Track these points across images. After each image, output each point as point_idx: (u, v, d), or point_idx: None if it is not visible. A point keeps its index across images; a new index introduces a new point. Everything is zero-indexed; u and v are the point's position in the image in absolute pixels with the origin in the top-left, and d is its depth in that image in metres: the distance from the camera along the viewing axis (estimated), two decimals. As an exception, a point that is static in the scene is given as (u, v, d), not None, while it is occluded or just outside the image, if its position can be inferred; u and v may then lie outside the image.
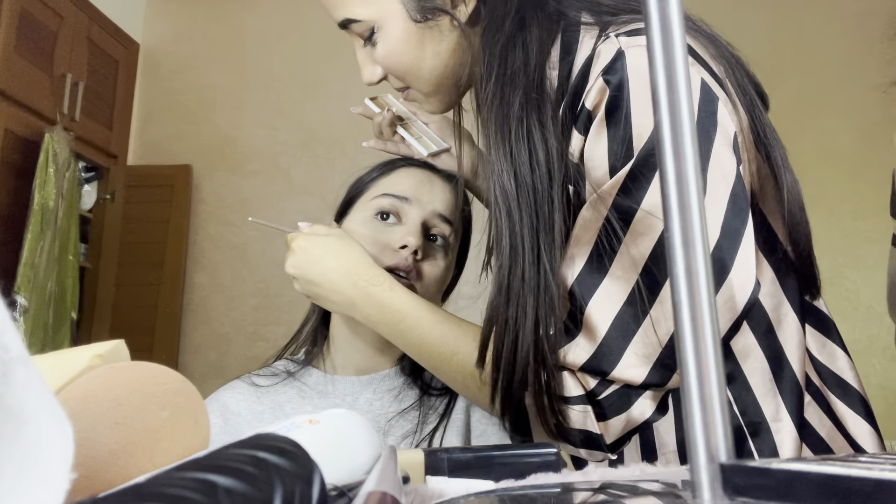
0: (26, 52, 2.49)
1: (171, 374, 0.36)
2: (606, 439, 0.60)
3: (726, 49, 0.66)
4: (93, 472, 0.30)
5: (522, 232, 0.60)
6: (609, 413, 0.59)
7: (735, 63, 0.65)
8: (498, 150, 0.62)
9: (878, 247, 2.88)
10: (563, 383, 0.60)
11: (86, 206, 2.87)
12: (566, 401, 0.60)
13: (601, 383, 0.59)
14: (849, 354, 0.68)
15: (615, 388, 0.59)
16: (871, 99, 2.94)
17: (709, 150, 0.56)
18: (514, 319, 0.60)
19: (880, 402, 2.73)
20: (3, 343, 0.20)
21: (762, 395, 0.61)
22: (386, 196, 0.86)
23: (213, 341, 3.05)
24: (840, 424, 0.64)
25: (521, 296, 0.59)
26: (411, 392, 0.84)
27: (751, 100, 0.63)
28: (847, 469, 0.22)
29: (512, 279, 0.60)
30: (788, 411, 0.61)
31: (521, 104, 0.62)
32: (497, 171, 0.61)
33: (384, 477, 0.28)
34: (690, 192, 0.26)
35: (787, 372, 0.62)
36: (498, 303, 0.61)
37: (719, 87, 0.60)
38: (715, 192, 0.56)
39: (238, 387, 0.87)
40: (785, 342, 0.63)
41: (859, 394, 0.66)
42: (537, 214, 0.60)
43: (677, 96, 0.26)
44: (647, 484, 0.33)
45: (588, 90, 0.59)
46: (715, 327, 0.25)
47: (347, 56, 0.80)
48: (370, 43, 0.72)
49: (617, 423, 0.59)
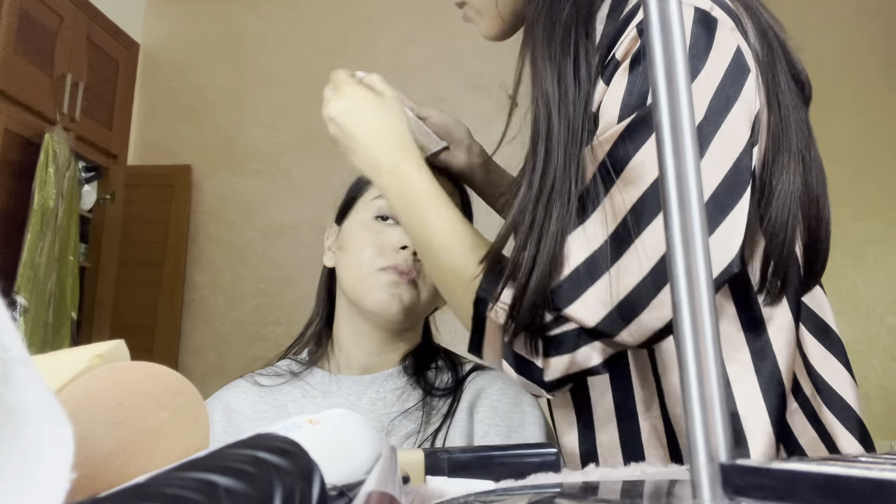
0: (26, 52, 2.49)
1: (171, 374, 0.36)
2: (545, 375, 0.59)
3: (773, 32, 0.64)
4: (93, 472, 0.30)
5: (559, 138, 0.59)
6: (553, 350, 0.58)
7: (778, 49, 0.63)
8: (545, 57, 0.62)
9: (878, 247, 2.88)
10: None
11: (86, 206, 2.87)
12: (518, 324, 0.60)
13: (555, 321, 0.58)
14: (852, 374, 0.67)
15: (567, 329, 0.58)
16: (872, 99, 2.94)
17: (722, 117, 0.55)
18: (539, 222, 0.59)
19: (880, 402, 2.73)
20: (3, 343, 0.20)
21: (738, 385, 0.61)
22: (384, 197, 0.86)
23: (213, 341, 3.05)
24: (828, 437, 0.63)
25: (549, 199, 0.59)
26: (415, 392, 0.84)
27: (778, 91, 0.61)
28: (847, 469, 0.22)
29: (543, 182, 0.59)
30: (767, 407, 0.60)
31: (570, 13, 0.62)
32: (542, 75, 0.62)
33: (384, 477, 0.28)
34: (691, 192, 0.26)
35: (769, 366, 0.61)
36: (525, 202, 0.60)
37: (755, 63, 0.59)
38: (714, 158, 0.55)
39: (241, 386, 0.87)
40: (774, 337, 0.62)
41: (858, 417, 0.65)
42: (571, 128, 0.60)
43: (677, 94, 0.26)
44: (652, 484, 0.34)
45: (621, 41, 0.59)
46: (715, 327, 0.25)
47: (347, 56, 0.80)
48: None
49: (558, 363, 0.59)
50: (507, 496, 0.33)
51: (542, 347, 0.59)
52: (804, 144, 0.63)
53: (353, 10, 3.23)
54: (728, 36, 0.57)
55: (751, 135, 0.57)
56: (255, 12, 3.35)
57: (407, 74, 2.95)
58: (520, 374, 0.61)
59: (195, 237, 3.15)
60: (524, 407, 0.85)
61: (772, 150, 0.60)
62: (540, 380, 0.60)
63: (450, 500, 0.31)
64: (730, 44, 0.57)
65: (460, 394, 0.84)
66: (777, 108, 0.60)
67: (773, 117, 0.60)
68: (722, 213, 0.55)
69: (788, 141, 0.61)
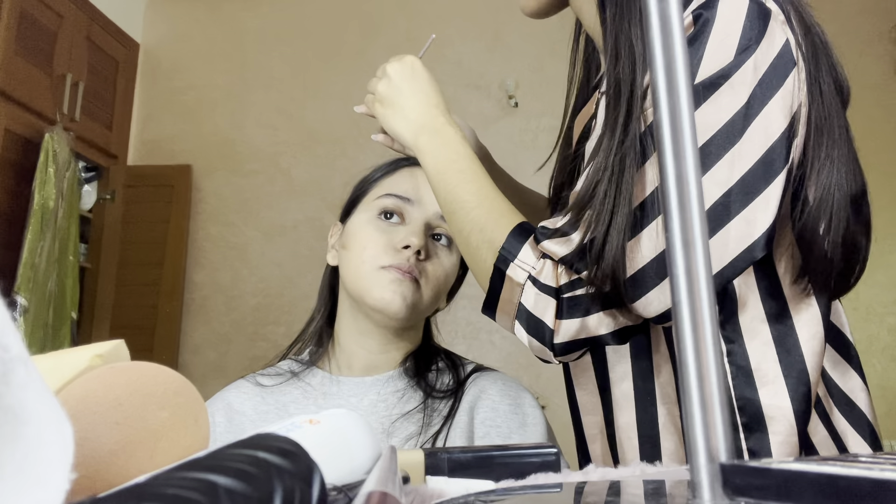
0: (26, 52, 2.49)
1: (171, 374, 0.36)
2: (556, 337, 0.60)
3: (819, 31, 0.65)
4: (93, 472, 0.30)
5: (638, 93, 0.60)
6: (566, 313, 0.59)
7: (821, 49, 0.64)
8: (628, 17, 0.62)
9: (877, 247, 2.87)
10: (542, 270, 0.61)
11: (86, 206, 2.87)
12: (539, 287, 0.61)
13: (573, 283, 0.59)
14: (866, 384, 0.67)
15: (582, 292, 0.59)
16: (871, 99, 2.94)
17: (762, 104, 0.56)
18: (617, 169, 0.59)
19: (880, 402, 2.73)
20: (3, 343, 0.20)
21: (762, 370, 0.61)
22: (389, 196, 0.86)
23: (213, 341, 3.05)
24: (839, 438, 0.64)
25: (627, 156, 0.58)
26: (416, 394, 0.84)
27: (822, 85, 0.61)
28: (847, 469, 0.22)
29: (625, 133, 0.59)
30: (790, 396, 0.60)
31: None
32: (625, 34, 0.62)
33: (384, 477, 0.28)
34: (692, 192, 0.26)
35: (794, 355, 0.61)
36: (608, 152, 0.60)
37: (801, 57, 0.59)
38: (748, 143, 0.56)
39: (242, 386, 0.87)
40: (800, 328, 0.62)
41: (868, 420, 0.65)
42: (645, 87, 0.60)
43: (677, 94, 0.26)
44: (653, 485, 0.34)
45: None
46: (715, 328, 0.25)
47: (347, 56, 0.80)
48: None
49: (570, 325, 0.59)
50: (507, 496, 0.33)
51: (555, 309, 0.60)
52: (843, 147, 0.63)
53: (353, 10, 3.23)
54: (779, 27, 0.58)
55: (790, 126, 0.57)
56: (255, 12, 3.35)
57: (407, 74, 2.95)
58: (530, 335, 0.62)
59: (195, 237, 3.15)
60: (525, 408, 0.85)
61: (814, 142, 0.60)
62: (550, 341, 0.60)
63: (450, 500, 0.31)
64: (780, 35, 0.58)
65: (461, 395, 0.84)
66: (821, 102, 0.61)
67: (816, 111, 0.60)
68: (748, 197, 0.56)
69: (832, 133, 0.61)
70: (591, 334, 0.60)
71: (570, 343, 0.60)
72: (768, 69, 0.57)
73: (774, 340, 0.62)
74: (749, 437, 0.60)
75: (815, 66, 0.61)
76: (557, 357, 0.62)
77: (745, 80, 0.56)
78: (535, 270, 0.61)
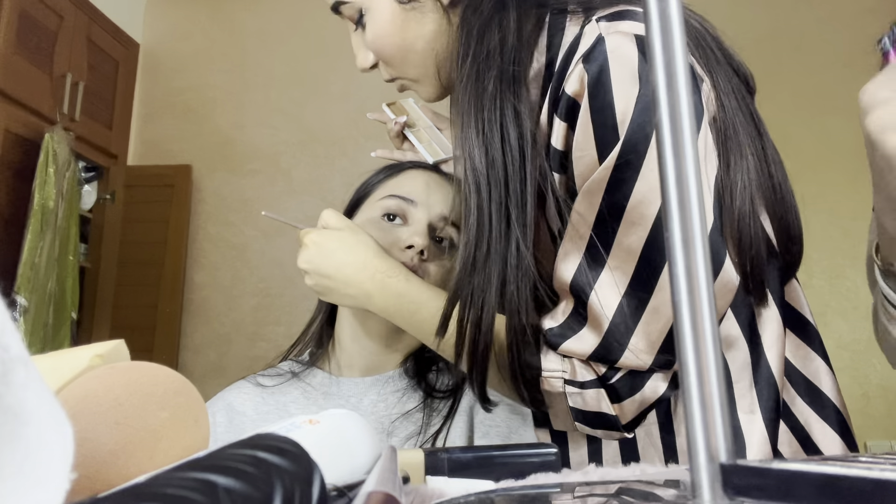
0: (26, 52, 2.49)
1: (171, 374, 0.36)
2: (622, 420, 0.60)
3: (704, 32, 0.65)
4: (93, 472, 0.30)
5: (490, 208, 0.60)
6: (623, 395, 0.60)
7: (714, 49, 0.64)
8: (469, 129, 0.62)
9: (878, 247, 2.88)
10: (574, 368, 0.61)
11: (86, 206, 2.87)
12: (581, 385, 0.61)
13: (611, 369, 0.60)
14: (830, 366, 0.67)
15: (625, 373, 0.59)
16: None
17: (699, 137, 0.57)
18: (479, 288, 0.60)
19: (880, 402, 2.73)
20: (3, 343, 0.20)
21: (739, 387, 0.61)
22: (392, 197, 0.86)
23: (213, 341, 3.05)
24: (801, 429, 0.64)
25: (486, 267, 0.60)
26: (416, 394, 0.85)
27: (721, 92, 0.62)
28: (847, 469, 0.22)
29: (477, 253, 0.60)
30: (761, 408, 0.61)
31: (495, 84, 0.62)
32: (468, 148, 0.62)
33: (384, 477, 0.28)
34: (691, 192, 0.26)
35: (763, 365, 0.62)
36: (462, 276, 0.61)
37: (702, 69, 0.60)
38: (709, 178, 0.57)
39: (243, 387, 0.87)
40: (763, 332, 0.63)
41: (834, 405, 0.65)
42: (507, 191, 0.60)
43: (677, 94, 0.26)
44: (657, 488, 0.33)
45: (568, 75, 0.59)
46: (715, 328, 0.25)
47: (347, 56, 0.80)
48: (360, 26, 0.74)
49: (631, 405, 0.60)
50: (507, 496, 0.33)
51: (608, 396, 0.60)
52: (755, 136, 0.64)
53: (353, 10, 3.23)
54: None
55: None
56: (255, 12, 3.35)
57: (407, 74, 2.95)
58: (596, 428, 0.62)
59: (195, 237, 3.15)
60: (525, 408, 0.85)
61: (724, 150, 0.61)
62: (618, 426, 0.61)
63: (450, 500, 0.31)
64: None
65: (460, 395, 0.84)
66: (723, 109, 0.61)
67: (721, 118, 0.61)
68: None
69: (738, 138, 0.61)
70: (653, 400, 0.60)
71: (637, 417, 0.61)
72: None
73: (750, 356, 0.62)
74: None
75: (712, 74, 0.62)
76: (629, 432, 0.62)
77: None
78: (567, 374, 0.61)
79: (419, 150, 0.93)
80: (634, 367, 0.58)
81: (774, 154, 0.65)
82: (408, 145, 0.96)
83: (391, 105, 0.98)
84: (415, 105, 0.98)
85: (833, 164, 2.79)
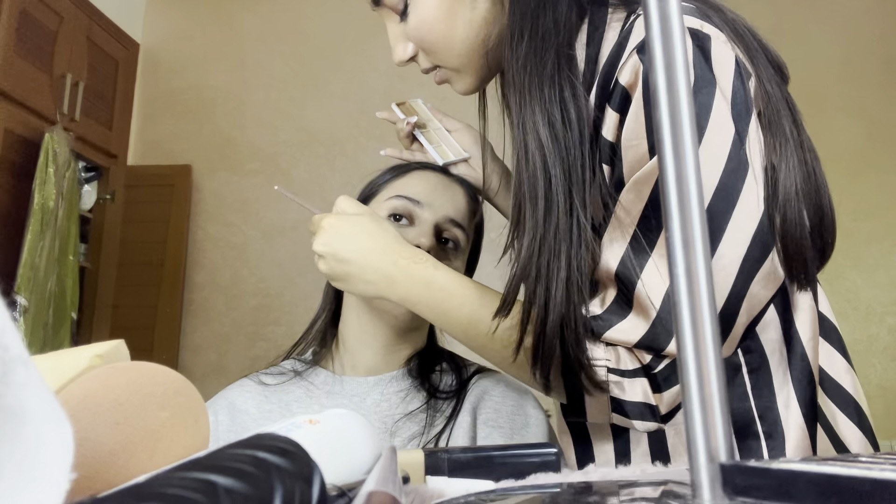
0: (26, 52, 2.49)
1: (171, 374, 0.36)
2: (661, 410, 0.60)
3: (742, 24, 0.65)
4: (93, 472, 0.30)
5: (557, 184, 0.60)
6: (664, 385, 0.59)
7: (752, 40, 0.64)
8: (531, 106, 0.62)
9: (877, 247, 2.88)
10: (619, 356, 0.61)
11: (86, 206, 2.86)
12: (623, 374, 0.60)
13: (656, 358, 0.59)
14: (851, 364, 0.67)
15: (668, 362, 0.59)
16: (872, 99, 2.94)
17: (747, 124, 0.57)
18: (545, 268, 0.59)
19: (880, 402, 2.73)
20: (3, 343, 0.20)
21: (776, 376, 0.62)
22: (399, 198, 0.86)
23: (213, 341, 3.05)
24: (829, 425, 0.64)
25: (554, 245, 0.59)
26: (419, 394, 0.85)
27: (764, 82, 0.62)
28: (847, 469, 0.22)
29: (547, 228, 0.59)
30: (798, 399, 0.61)
31: (553, 63, 0.62)
32: (531, 126, 0.61)
33: (384, 477, 0.28)
34: (691, 190, 0.26)
35: (797, 355, 0.62)
36: (532, 251, 0.60)
37: (748, 62, 0.60)
38: (755, 170, 0.56)
39: (246, 385, 0.87)
40: (802, 332, 0.63)
41: (855, 401, 0.65)
42: (570, 171, 0.60)
43: (677, 94, 0.26)
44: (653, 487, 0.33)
45: (622, 66, 0.59)
46: (715, 329, 0.25)
47: (347, 56, 0.80)
48: (404, 17, 0.71)
49: (670, 395, 0.60)
50: (507, 496, 0.33)
51: (650, 385, 0.60)
52: (791, 123, 0.64)
53: (353, 10, 3.23)
54: (724, 48, 0.58)
55: (760, 135, 0.59)
56: (255, 12, 3.35)
57: (407, 74, 2.95)
58: (635, 419, 0.61)
59: (195, 237, 3.15)
60: (527, 409, 0.85)
61: (770, 137, 0.61)
62: (657, 416, 0.61)
63: (450, 500, 0.31)
64: (729, 55, 0.58)
65: (464, 396, 0.84)
66: (768, 100, 0.62)
67: (765, 109, 0.61)
68: (729, 204, 0.57)
69: (781, 124, 0.62)
70: None
71: (675, 409, 0.61)
72: (734, 93, 0.57)
73: (785, 346, 0.63)
74: (770, 445, 0.60)
75: (754, 64, 0.62)
76: (665, 423, 0.62)
77: (723, 110, 0.56)
78: (610, 362, 0.61)
79: (429, 151, 0.92)
80: None
81: (808, 141, 0.66)
82: (416, 146, 0.96)
83: (400, 105, 0.97)
84: (424, 106, 0.97)
85: (833, 164, 2.78)
